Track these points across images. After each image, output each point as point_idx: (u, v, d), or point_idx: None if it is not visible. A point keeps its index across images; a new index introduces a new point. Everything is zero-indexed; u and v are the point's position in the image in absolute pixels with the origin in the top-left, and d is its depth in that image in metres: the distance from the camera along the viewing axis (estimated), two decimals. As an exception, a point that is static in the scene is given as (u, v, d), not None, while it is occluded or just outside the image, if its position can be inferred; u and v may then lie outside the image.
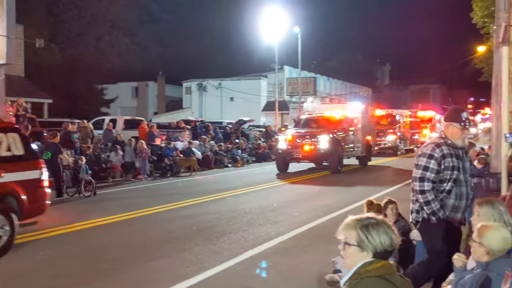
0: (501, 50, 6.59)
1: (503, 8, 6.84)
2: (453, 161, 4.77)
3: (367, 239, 2.48)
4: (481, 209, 3.76)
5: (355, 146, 21.97)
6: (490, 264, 3.25)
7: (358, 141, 22.17)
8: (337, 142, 19.75)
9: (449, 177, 4.77)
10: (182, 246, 7.88)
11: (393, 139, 30.18)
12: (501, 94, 6.51)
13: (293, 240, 8.35)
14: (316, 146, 19.16)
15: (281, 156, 19.99)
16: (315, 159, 19.86)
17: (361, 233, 2.50)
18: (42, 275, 6.43)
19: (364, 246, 2.49)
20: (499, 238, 3.28)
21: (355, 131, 22.09)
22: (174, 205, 11.96)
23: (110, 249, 7.76)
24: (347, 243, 2.53)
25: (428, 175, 4.73)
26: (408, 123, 33.23)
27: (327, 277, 6.12)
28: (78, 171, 14.06)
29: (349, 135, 21.47)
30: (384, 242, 2.49)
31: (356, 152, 22.16)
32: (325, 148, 19.09)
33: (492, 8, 14.21)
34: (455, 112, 5.02)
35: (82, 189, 13.57)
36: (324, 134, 19.38)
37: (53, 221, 9.84)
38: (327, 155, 19.27)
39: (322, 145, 19.12)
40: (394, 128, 30.47)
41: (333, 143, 19.30)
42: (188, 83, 50.11)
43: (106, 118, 26.20)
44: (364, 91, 62.86)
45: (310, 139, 19.47)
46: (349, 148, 21.41)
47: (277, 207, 11.67)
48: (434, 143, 4.88)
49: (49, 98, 31.86)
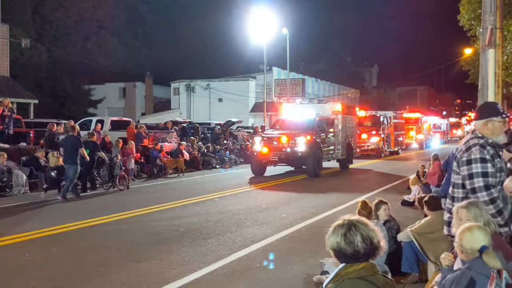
0: (487, 52, 6.65)
1: (490, 11, 6.89)
2: (499, 161, 4.23)
3: (328, 239, 2.61)
4: (470, 212, 3.77)
5: (336, 148, 21.25)
6: (471, 263, 3.31)
7: (338, 143, 21.40)
8: (316, 144, 18.93)
9: (498, 180, 4.16)
10: (169, 247, 7.83)
11: (377, 141, 29.36)
12: (487, 96, 6.56)
13: (281, 242, 8.35)
14: (293, 149, 18.29)
15: (256, 159, 18.98)
16: (292, 162, 18.90)
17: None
18: (27, 277, 6.35)
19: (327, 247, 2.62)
20: (469, 237, 3.36)
21: (335, 132, 21.38)
22: (161, 206, 11.89)
23: (96, 251, 7.69)
24: None
25: (490, 181, 4.07)
26: (392, 125, 32.50)
27: (315, 278, 6.12)
28: (113, 167, 15.45)
29: (329, 137, 20.76)
30: (335, 242, 2.55)
31: (336, 154, 21.40)
32: (302, 151, 18.21)
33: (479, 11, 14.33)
34: (489, 107, 4.51)
35: (116, 183, 15.02)
36: (301, 136, 18.50)
37: (43, 223, 9.74)
38: (304, 158, 18.29)
39: (300, 148, 18.25)
40: (377, 130, 29.62)
41: (311, 145, 18.46)
42: (176, 84, 49.94)
43: (94, 119, 26.00)
44: (352, 92, 63.18)
45: (287, 141, 18.56)
46: (329, 150, 20.67)
47: (265, 208, 11.65)
48: (476, 144, 4.18)
49: (35, 99, 31.55)
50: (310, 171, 18.43)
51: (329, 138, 20.67)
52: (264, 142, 18.84)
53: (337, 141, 21.30)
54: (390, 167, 23.44)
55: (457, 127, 60.99)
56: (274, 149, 18.53)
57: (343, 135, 21.75)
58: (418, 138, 39.83)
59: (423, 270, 6.18)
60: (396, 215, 7.73)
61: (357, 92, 65.44)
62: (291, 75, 43.70)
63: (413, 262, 6.15)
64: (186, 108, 47.98)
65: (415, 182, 12.19)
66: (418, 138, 39.88)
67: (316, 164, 18.50)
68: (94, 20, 48.97)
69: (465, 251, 3.34)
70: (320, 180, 17.81)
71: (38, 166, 15.35)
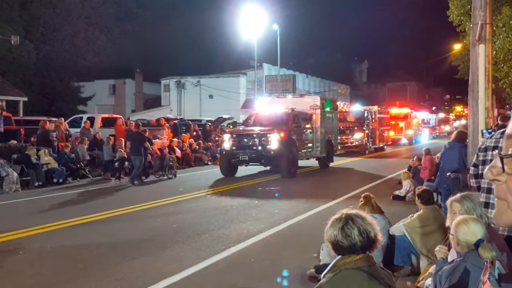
0: (477, 47, 6.72)
1: (480, 7, 6.97)
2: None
3: (326, 232, 2.71)
4: (463, 205, 3.84)
5: (314, 145, 19.64)
6: (466, 254, 3.37)
7: (317, 140, 19.74)
8: (291, 141, 17.31)
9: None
10: (164, 244, 7.86)
11: (360, 137, 27.93)
12: (478, 91, 6.64)
13: (274, 237, 8.40)
14: (265, 147, 16.63)
15: (225, 158, 17.28)
16: (264, 162, 17.13)
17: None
18: (21, 275, 6.35)
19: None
20: (465, 230, 3.41)
21: (314, 128, 19.74)
22: (155, 203, 11.89)
23: (91, 248, 7.70)
24: None
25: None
26: (377, 120, 30.97)
27: (308, 272, 6.19)
28: (163, 158, 17.96)
29: (307, 133, 19.23)
30: (332, 235, 2.63)
31: (315, 152, 19.76)
32: (275, 149, 16.53)
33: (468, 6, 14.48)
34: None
35: (166, 172, 17.29)
36: (273, 133, 16.79)
37: (35, 220, 9.72)
38: (277, 157, 16.56)
39: (272, 145, 16.58)
40: (361, 125, 28.26)
41: (286, 143, 16.80)
42: (167, 81, 49.76)
43: (84, 116, 25.86)
44: (343, 88, 63.39)
45: (258, 138, 16.86)
46: (307, 148, 19.17)
47: (258, 204, 11.71)
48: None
49: (24, 96, 31.35)
50: (283, 171, 16.83)
51: (306, 135, 19.15)
52: (233, 140, 17.19)
53: (315, 137, 19.74)
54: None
55: (445, 123, 60.82)
56: (244, 147, 16.92)
57: (322, 132, 20.15)
58: (407, 134, 39.44)
59: (415, 263, 6.26)
60: (387, 209, 7.82)
61: (348, 88, 65.66)
62: (282, 71, 43.71)
63: (405, 255, 6.23)
64: (177, 105, 47.84)
65: (406, 177, 12.29)
66: (408, 134, 39.51)
67: (291, 163, 16.96)
68: (82, 16, 48.63)
69: (461, 243, 3.40)
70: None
71: (29, 163, 15.29)
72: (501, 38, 15.89)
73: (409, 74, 78.80)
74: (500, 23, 15.51)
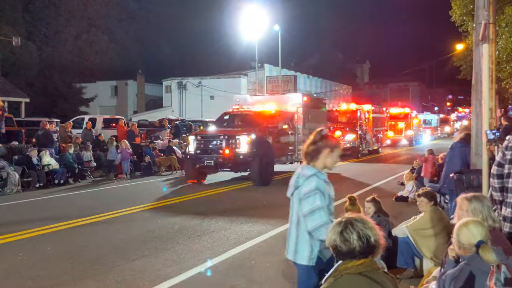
0: (481, 47, 6.65)
1: (483, 6, 6.90)
2: None
3: (327, 236, 2.70)
4: (470, 205, 3.78)
5: (296, 148, 17.56)
6: (470, 258, 3.31)
7: (299, 142, 17.44)
8: (265, 144, 15.52)
9: None
10: (164, 245, 7.81)
11: (352, 139, 25.70)
12: (481, 92, 6.56)
13: (275, 239, 8.33)
14: (233, 150, 14.82)
15: (190, 163, 15.58)
16: (233, 167, 15.26)
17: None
18: (21, 277, 6.30)
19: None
20: (466, 232, 3.35)
21: (295, 129, 17.81)
22: (155, 204, 11.86)
23: (91, 249, 7.65)
24: None
25: None
26: (371, 120, 28.62)
27: None
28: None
29: (287, 135, 17.28)
30: (331, 239, 2.59)
31: (297, 156, 17.64)
32: (244, 153, 14.76)
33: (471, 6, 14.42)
34: None
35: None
36: (243, 134, 15.05)
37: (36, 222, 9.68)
38: (248, 162, 14.77)
39: (241, 149, 14.79)
40: (353, 126, 26.15)
41: (258, 146, 14.99)
42: (168, 82, 49.76)
43: (86, 117, 25.86)
44: (344, 89, 63.29)
45: (225, 141, 15.03)
46: (287, 151, 17.29)
47: (260, 206, 11.65)
48: None
49: (27, 97, 31.35)
50: (255, 178, 14.93)
51: (286, 137, 17.21)
52: (197, 142, 15.46)
53: (297, 140, 17.67)
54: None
55: (445, 123, 59.47)
56: (210, 151, 15.19)
57: (305, 133, 17.74)
58: (407, 135, 37.91)
59: (418, 265, 6.19)
60: (390, 211, 7.76)
61: (349, 88, 65.55)
62: (283, 71, 43.66)
63: (408, 257, 6.16)
64: (178, 106, 47.82)
65: (410, 178, 12.21)
66: (408, 134, 37.96)
67: (264, 169, 15.00)
68: (84, 18, 48.71)
69: (463, 246, 3.35)
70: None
71: (30, 165, 15.26)
72: (504, 38, 15.82)
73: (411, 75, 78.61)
74: (503, 23, 15.44)
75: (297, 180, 3.66)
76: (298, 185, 3.64)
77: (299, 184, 3.62)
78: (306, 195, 3.54)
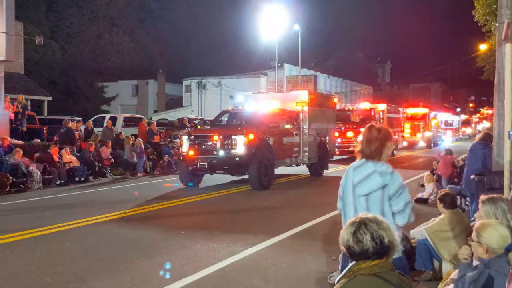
0: (503, 47, 6.52)
1: (506, 5, 6.76)
2: None
3: (340, 236, 2.65)
4: (482, 207, 3.70)
5: (301, 150, 16.45)
6: (490, 261, 3.23)
7: (305, 143, 16.50)
8: (264, 145, 14.36)
9: None
10: (181, 243, 7.82)
11: None
12: (504, 92, 6.44)
13: (292, 239, 8.29)
14: (229, 151, 13.77)
15: (183, 165, 14.59)
16: (229, 169, 14.25)
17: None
18: (40, 273, 6.38)
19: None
20: (497, 235, 3.26)
21: (300, 129, 16.55)
22: (174, 202, 11.90)
23: (108, 247, 7.71)
24: None
25: None
26: (386, 120, 26.91)
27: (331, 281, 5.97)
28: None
29: (291, 135, 16.07)
30: (345, 240, 2.56)
31: (302, 158, 16.52)
32: (241, 154, 13.68)
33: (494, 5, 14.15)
34: None
35: None
36: (239, 135, 13.93)
37: (56, 218, 9.80)
38: (245, 164, 13.71)
39: (238, 150, 13.72)
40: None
41: (256, 147, 13.92)
42: (188, 81, 50.07)
43: (107, 115, 26.17)
44: (365, 89, 62.87)
45: (220, 141, 13.90)
46: (291, 153, 16.08)
47: (276, 206, 11.61)
48: None
49: (49, 96, 31.86)
50: (253, 181, 13.90)
51: (289, 137, 15.98)
52: (191, 143, 14.41)
53: (302, 140, 16.51)
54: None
55: (467, 125, 57.33)
56: (204, 152, 14.11)
57: (311, 133, 16.91)
58: (425, 136, 35.78)
59: (437, 268, 6.09)
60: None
61: (370, 88, 65.09)
62: (303, 71, 43.54)
63: (427, 259, 6.06)
64: (198, 105, 48.09)
65: (430, 179, 12.06)
66: (426, 136, 35.81)
67: (263, 172, 13.95)
68: (107, 18, 49.31)
69: (491, 249, 3.24)
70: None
71: (51, 162, 15.48)
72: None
73: (433, 75, 77.65)
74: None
75: (384, 178, 3.66)
76: (385, 183, 3.65)
77: (386, 182, 3.65)
78: (398, 192, 3.63)
